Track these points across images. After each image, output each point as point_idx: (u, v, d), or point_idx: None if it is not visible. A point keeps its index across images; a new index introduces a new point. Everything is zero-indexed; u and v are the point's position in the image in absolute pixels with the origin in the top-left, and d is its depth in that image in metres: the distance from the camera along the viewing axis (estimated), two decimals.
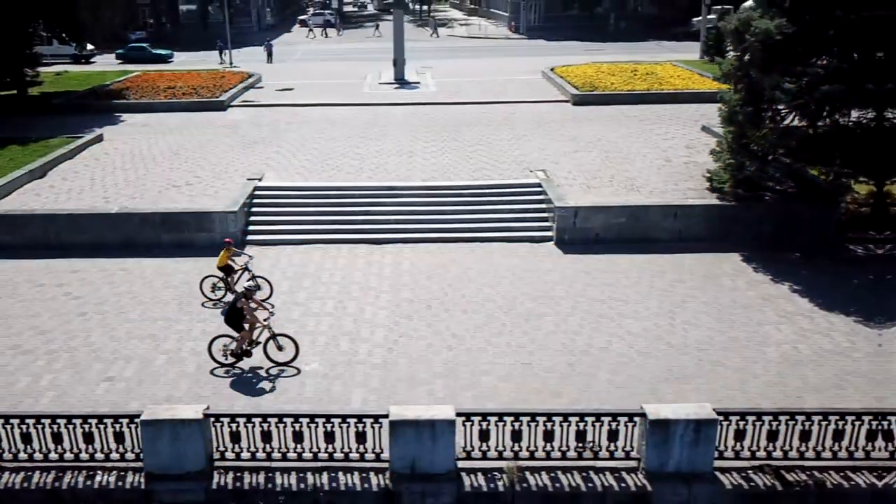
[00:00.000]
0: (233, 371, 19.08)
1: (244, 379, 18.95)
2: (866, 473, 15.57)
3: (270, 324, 18.99)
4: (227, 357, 18.96)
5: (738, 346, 20.64)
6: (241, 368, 19.12)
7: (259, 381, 18.91)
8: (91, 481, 14.95)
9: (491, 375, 19.41)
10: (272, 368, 19.17)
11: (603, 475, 15.60)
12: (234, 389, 18.49)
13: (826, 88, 22.85)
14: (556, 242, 27.95)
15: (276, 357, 19.18)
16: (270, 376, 19.00)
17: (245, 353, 19.00)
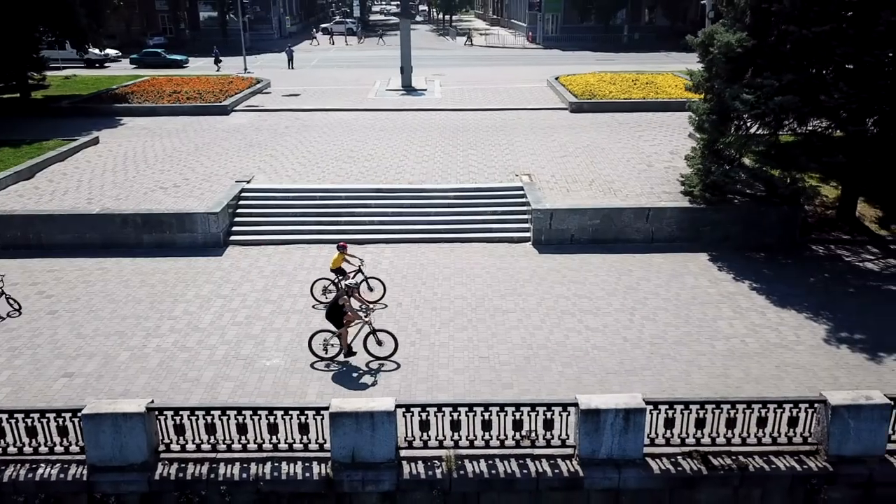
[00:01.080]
0: (332, 365, 19.91)
1: (343, 373, 19.74)
2: (787, 458, 16.22)
3: (371, 319, 19.79)
4: (326, 351, 19.82)
5: (690, 340, 21.34)
6: (340, 363, 19.92)
7: (361, 375, 19.67)
8: (33, 474, 15.44)
9: (448, 369, 20.16)
10: (371, 363, 19.96)
11: (539, 462, 16.33)
12: (335, 383, 19.42)
13: (779, 99, 23.51)
14: (533, 243, 28.69)
15: (375, 352, 19.89)
16: (371, 370, 19.71)
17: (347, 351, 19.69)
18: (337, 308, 19.96)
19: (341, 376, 19.53)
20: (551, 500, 16.29)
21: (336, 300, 20.07)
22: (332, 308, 20.21)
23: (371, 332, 19.81)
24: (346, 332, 19.87)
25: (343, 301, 19.83)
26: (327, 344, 19.84)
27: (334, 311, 20.08)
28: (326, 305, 21.47)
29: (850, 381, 19.26)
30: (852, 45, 23.03)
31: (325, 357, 20.00)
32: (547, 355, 20.69)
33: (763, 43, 24.99)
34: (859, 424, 15.93)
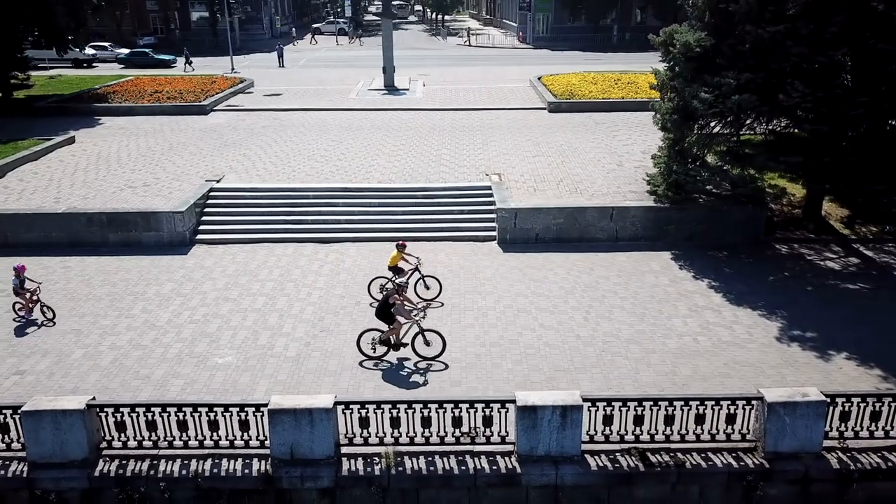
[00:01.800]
0: (381, 364, 19.99)
1: (393, 373, 19.80)
2: (725, 454, 16.30)
3: (420, 320, 19.86)
4: (374, 350, 19.86)
5: (643, 338, 21.45)
6: (390, 361, 20.11)
7: (410, 374, 19.81)
8: None
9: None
10: (420, 363, 20.04)
11: (478, 458, 16.41)
12: (386, 381, 19.55)
13: (737, 98, 23.61)
14: (498, 242, 28.69)
15: (423, 352, 19.90)
16: (420, 370, 19.82)
17: (395, 346, 19.88)
18: (387, 307, 20.00)
19: (391, 376, 19.60)
20: (490, 496, 16.30)
21: (386, 299, 20.12)
22: (382, 307, 20.26)
23: (419, 332, 19.78)
24: (396, 329, 19.85)
25: (393, 300, 19.89)
26: (375, 343, 19.88)
27: (384, 310, 20.12)
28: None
29: (796, 378, 19.31)
30: (806, 45, 23.00)
31: (372, 356, 20.03)
32: (499, 353, 20.74)
33: (722, 42, 24.94)
34: (795, 421, 16.00)
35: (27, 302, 21.93)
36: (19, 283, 21.76)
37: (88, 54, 76.69)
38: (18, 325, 22.04)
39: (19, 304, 22.05)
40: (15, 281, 21.84)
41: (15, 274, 21.85)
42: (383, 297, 20.09)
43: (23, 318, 22.11)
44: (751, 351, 20.76)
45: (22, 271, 21.91)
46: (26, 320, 22.15)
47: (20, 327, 21.99)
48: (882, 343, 21.04)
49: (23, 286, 21.84)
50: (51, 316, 22.13)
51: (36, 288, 22.17)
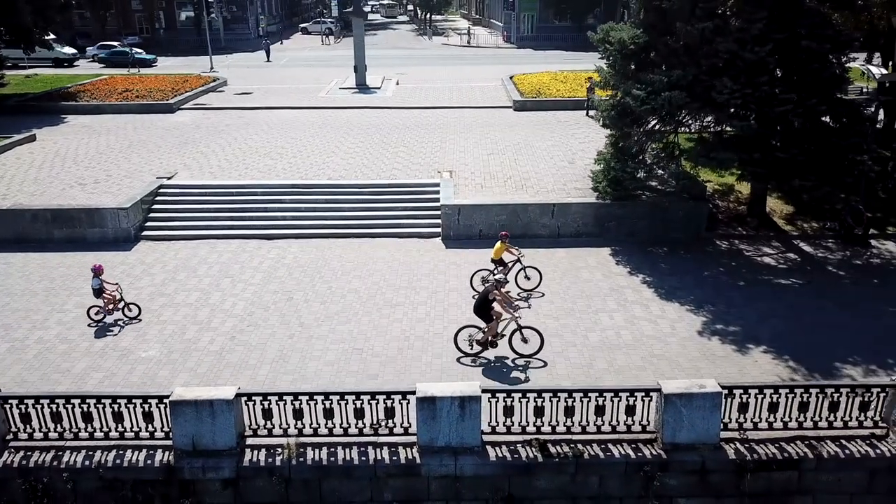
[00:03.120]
0: (479, 360, 19.99)
1: (492, 369, 19.83)
2: (625, 445, 16.48)
3: (519, 317, 19.64)
4: (472, 346, 19.78)
5: (566, 331, 21.69)
6: (487, 358, 20.00)
7: (510, 370, 19.71)
8: None
9: (319, 361, 20.44)
10: (517, 360, 19.95)
11: (380, 450, 16.55)
12: (485, 377, 19.36)
13: (667, 95, 23.80)
14: (442, 238, 28.73)
15: (520, 349, 19.78)
16: (518, 367, 19.76)
17: (491, 344, 19.71)
18: (486, 302, 20.03)
19: (490, 372, 19.49)
20: (391, 486, 16.45)
21: (486, 294, 20.07)
22: (481, 302, 20.28)
23: (518, 329, 19.63)
24: (494, 326, 19.75)
25: (493, 295, 19.97)
26: (472, 339, 19.83)
27: (483, 306, 20.12)
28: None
29: (711, 371, 19.55)
30: (734, 41, 23.22)
31: (469, 353, 19.96)
32: (421, 346, 20.94)
33: (657, 40, 25.14)
34: (692, 413, 16.16)
35: (107, 304, 21.81)
36: (99, 285, 21.48)
37: (69, 53, 76.46)
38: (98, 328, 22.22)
39: (96, 309, 21.97)
40: (95, 282, 21.58)
41: (94, 274, 21.57)
42: (482, 292, 19.99)
43: (100, 322, 22.14)
44: (670, 345, 20.88)
45: (100, 272, 21.61)
46: (106, 323, 22.22)
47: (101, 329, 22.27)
48: (802, 336, 21.25)
49: (103, 287, 21.53)
50: (135, 313, 22.30)
51: (115, 288, 22.15)
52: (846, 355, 20.26)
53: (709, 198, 31.38)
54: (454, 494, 16.55)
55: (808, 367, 19.75)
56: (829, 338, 21.09)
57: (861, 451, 16.38)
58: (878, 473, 16.48)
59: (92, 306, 22.06)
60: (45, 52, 70.82)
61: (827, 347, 20.73)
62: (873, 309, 22.65)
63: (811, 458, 16.32)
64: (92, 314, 21.94)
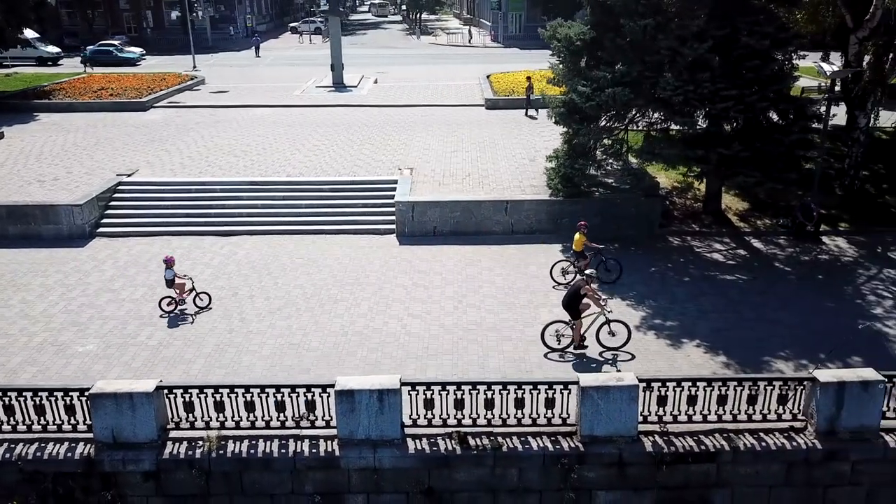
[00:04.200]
0: (566, 356, 20.17)
1: (581, 365, 19.91)
2: (544, 438, 16.55)
3: (609, 311, 19.85)
4: (558, 342, 19.97)
5: (504, 326, 21.82)
6: (574, 354, 20.24)
7: (599, 365, 19.93)
8: None
9: (254, 355, 20.53)
10: (605, 353, 20.18)
11: (301, 442, 16.61)
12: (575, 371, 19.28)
13: (611, 91, 23.91)
14: (397, 235, 28.79)
15: (607, 342, 20.02)
16: (606, 360, 19.95)
17: (580, 345, 19.97)
18: (576, 297, 20.15)
19: (579, 367, 19.58)
20: (312, 479, 16.55)
21: (577, 289, 19.94)
22: (571, 297, 20.29)
23: (606, 323, 19.86)
24: (581, 323, 19.78)
25: (585, 290, 19.90)
26: (559, 335, 20.01)
27: (573, 301, 20.24)
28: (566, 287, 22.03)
29: (642, 366, 19.66)
30: (675, 38, 23.32)
31: (556, 348, 20.04)
32: (358, 342, 21.05)
33: (604, 36, 25.20)
34: (609, 405, 16.24)
35: (179, 295, 22.27)
36: (172, 276, 21.87)
37: (53, 52, 76.50)
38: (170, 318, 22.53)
39: (168, 299, 22.37)
40: (168, 273, 22.01)
41: (167, 266, 22.04)
42: (573, 287, 20.05)
43: (171, 313, 22.65)
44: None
45: (172, 263, 22.07)
46: (177, 313, 22.70)
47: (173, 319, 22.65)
48: (740, 331, 21.40)
49: (174, 278, 21.95)
50: (206, 302, 22.69)
51: (187, 280, 22.54)
52: (780, 350, 20.41)
53: (666, 195, 31.40)
54: (375, 487, 16.55)
55: (740, 362, 19.80)
56: (766, 332, 21.21)
57: (777, 444, 16.46)
58: (795, 466, 16.59)
59: (164, 297, 22.64)
60: (30, 51, 70.81)
61: (762, 342, 20.92)
62: (813, 304, 22.78)
63: (728, 450, 16.37)
64: (164, 305, 22.52)
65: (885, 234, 28.39)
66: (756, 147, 23.99)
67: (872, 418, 16.38)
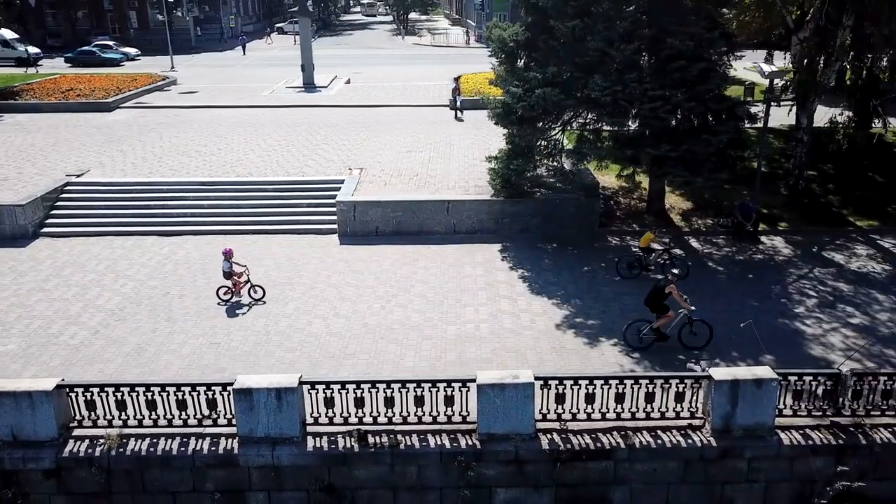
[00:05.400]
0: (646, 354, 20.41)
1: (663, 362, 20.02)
2: (444, 436, 16.67)
3: (693, 309, 19.90)
4: (640, 341, 20.13)
5: (428, 325, 22.00)
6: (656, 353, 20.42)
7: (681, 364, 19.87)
8: None
9: (173, 354, 20.69)
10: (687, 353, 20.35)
11: (202, 440, 16.78)
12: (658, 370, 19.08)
13: (540, 92, 24.04)
14: (339, 235, 28.90)
15: (689, 342, 20.13)
16: (689, 360, 20.03)
17: (662, 337, 20.07)
18: (661, 295, 20.33)
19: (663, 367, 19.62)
20: (212, 477, 16.68)
21: (662, 288, 19.91)
22: (654, 295, 20.34)
23: (688, 322, 19.94)
24: (666, 320, 20.01)
25: (670, 289, 19.85)
26: (641, 333, 20.09)
27: (656, 298, 20.34)
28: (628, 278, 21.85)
29: (555, 364, 19.89)
30: (602, 39, 23.45)
31: (639, 347, 20.25)
32: (279, 341, 21.16)
33: (538, 37, 25.33)
34: (506, 403, 16.37)
35: (235, 285, 23.01)
36: (229, 267, 22.72)
37: (32, 53, 76.59)
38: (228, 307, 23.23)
39: (224, 289, 23.18)
40: (226, 265, 22.88)
41: (225, 257, 22.86)
42: (657, 286, 20.09)
43: (228, 301, 23.40)
44: (525, 338, 21.13)
45: (230, 255, 22.88)
46: (234, 303, 23.33)
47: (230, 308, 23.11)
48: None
49: (232, 269, 22.68)
50: (260, 295, 23.40)
51: (244, 270, 23.33)
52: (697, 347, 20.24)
53: (612, 195, 31.55)
54: (275, 484, 16.67)
55: (652, 360, 19.98)
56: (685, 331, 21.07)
57: (673, 442, 16.60)
58: (692, 463, 16.72)
59: (221, 286, 23.32)
60: (9, 52, 71.16)
61: (677, 341, 20.93)
62: (738, 303, 22.95)
63: (623, 447, 16.54)
64: (220, 294, 23.31)
65: (824, 234, 28.47)
66: (685, 147, 23.94)
67: (767, 416, 16.47)
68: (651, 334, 20.20)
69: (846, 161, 34.10)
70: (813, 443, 16.64)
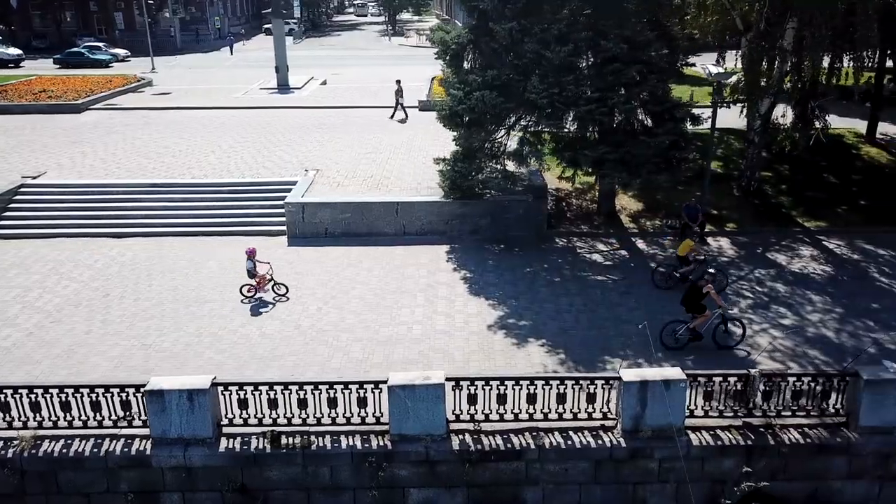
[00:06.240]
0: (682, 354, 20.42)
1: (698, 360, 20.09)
2: (356, 437, 16.83)
3: (728, 308, 20.27)
4: (676, 341, 20.24)
5: (361, 327, 22.10)
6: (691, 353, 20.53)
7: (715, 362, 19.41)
8: None
9: (103, 356, 20.83)
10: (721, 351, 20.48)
11: (116, 441, 16.87)
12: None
13: (479, 94, 24.15)
14: (288, 236, 28.97)
15: (723, 341, 20.28)
16: (723, 357, 20.02)
17: (697, 337, 20.20)
18: (697, 295, 20.42)
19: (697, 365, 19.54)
20: (126, 478, 16.79)
21: (700, 287, 19.87)
22: (690, 293, 20.37)
23: (723, 322, 20.13)
24: (703, 319, 20.04)
25: (707, 289, 19.83)
26: (677, 334, 20.18)
27: (692, 297, 20.34)
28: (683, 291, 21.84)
29: (480, 365, 20.00)
30: (538, 42, 23.56)
31: (674, 346, 20.33)
32: (210, 343, 21.28)
33: (480, 40, 25.42)
34: (416, 404, 16.48)
35: (258, 283, 23.39)
36: (253, 266, 23.08)
37: (13, 54, 76.84)
38: (253, 305, 23.53)
39: (248, 287, 23.52)
40: (249, 264, 23.25)
41: (248, 257, 23.23)
42: (693, 285, 20.12)
43: (252, 299, 23.82)
44: (455, 339, 21.24)
45: (253, 254, 23.23)
46: (258, 300, 23.75)
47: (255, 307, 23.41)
48: (588, 331, 21.75)
49: (255, 269, 23.06)
50: (283, 291, 23.66)
51: (268, 270, 23.72)
52: (621, 349, 20.69)
53: (565, 196, 31.66)
54: (189, 485, 16.76)
55: (576, 360, 20.13)
56: (615, 332, 21.58)
57: (583, 442, 16.71)
58: (603, 464, 16.81)
59: (244, 284, 23.62)
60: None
61: (607, 341, 21.32)
62: (671, 304, 22.91)
63: (533, 448, 16.62)
64: (244, 291, 23.64)
65: (770, 235, 28.52)
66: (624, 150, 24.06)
67: (676, 417, 16.56)
68: (686, 334, 20.49)
69: (801, 162, 34.14)
70: (722, 443, 16.41)
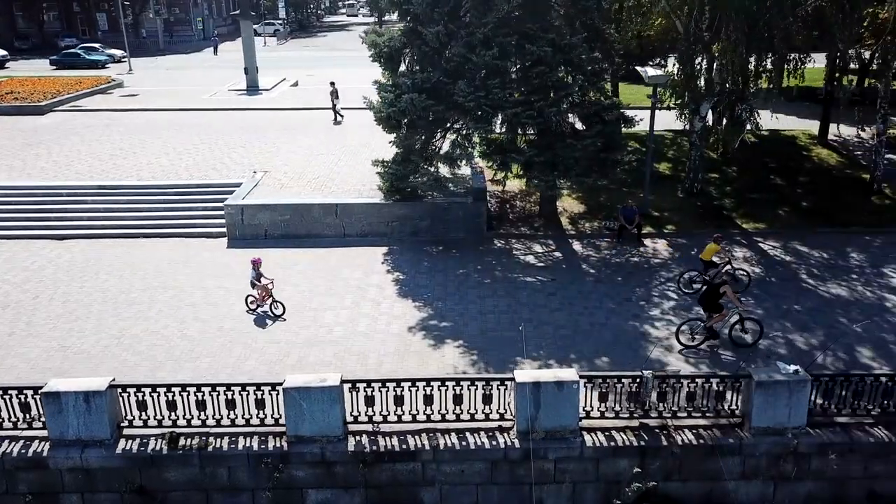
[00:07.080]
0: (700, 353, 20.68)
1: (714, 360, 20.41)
2: (254, 438, 16.96)
3: (742, 308, 20.38)
4: (693, 339, 20.43)
5: (280, 329, 22.28)
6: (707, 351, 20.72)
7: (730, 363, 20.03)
8: None
9: (20, 358, 20.93)
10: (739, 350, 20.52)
11: (14, 443, 17.05)
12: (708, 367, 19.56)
13: (407, 97, 24.26)
14: (228, 238, 29.05)
15: (739, 340, 20.45)
16: (741, 357, 20.08)
17: (713, 335, 20.35)
18: (715, 293, 20.41)
19: (714, 364, 19.91)
20: (25, 480, 16.93)
21: (718, 285, 20.07)
22: (709, 294, 20.53)
23: (739, 321, 20.34)
24: (720, 318, 20.25)
25: (725, 289, 19.98)
26: (694, 332, 20.38)
27: (711, 296, 20.46)
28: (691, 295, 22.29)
29: (393, 366, 20.10)
30: (464, 45, 23.69)
31: (691, 345, 20.46)
32: (129, 345, 21.53)
33: (412, 43, 25.54)
34: (312, 406, 16.61)
35: (260, 296, 22.83)
36: (256, 276, 22.62)
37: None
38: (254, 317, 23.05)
39: (252, 298, 23.04)
40: (253, 273, 22.70)
41: (252, 266, 22.71)
42: (713, 283, 20.28)
43: (255, 311, 23.25)
44: (374, 341, 21.37)
45: (258, 264, 22.76)
46: (258, 314, 23.17)
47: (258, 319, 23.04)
48: (507, 332, 21.84)
49: (259, 279, 22.59)
50: (280, 312, 22.78)
51: (270, 283, 23.02)
52: (535, 350, 20.58)
53: (510, 198, 31.80)
54: (87, 486, 16.89)
55: (489, 362, 20.23)
56: (533, 333, 21.51)
57: (478, 443, 16.78)
58: (498, 464, 16.91)
59: (249, 295, 23.26)
60: None
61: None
62: (594, 306, 23.25)
63: (428, 449, 16.73)
64: (248, 302, 23.23)
65: (707, 236, 28.52)
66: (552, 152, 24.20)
67: (570, 418, 16.69)
68: (703, 333, 20.58)
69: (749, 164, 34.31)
70: (616, 444, 16.53)
